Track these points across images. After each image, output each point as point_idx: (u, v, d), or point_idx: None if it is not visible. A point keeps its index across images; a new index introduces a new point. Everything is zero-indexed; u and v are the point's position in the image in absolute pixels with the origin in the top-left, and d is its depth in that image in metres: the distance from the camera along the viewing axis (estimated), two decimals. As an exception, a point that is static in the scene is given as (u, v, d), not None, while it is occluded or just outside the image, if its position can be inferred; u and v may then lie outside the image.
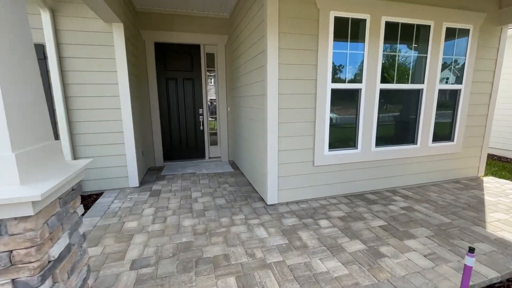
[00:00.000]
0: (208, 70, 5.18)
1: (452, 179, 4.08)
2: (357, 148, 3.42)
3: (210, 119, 5.39)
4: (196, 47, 4.96)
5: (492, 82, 3.95)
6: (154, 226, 2.68)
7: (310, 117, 3.14)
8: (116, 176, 3.73)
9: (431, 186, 3.84)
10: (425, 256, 2.16)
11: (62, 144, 3.36)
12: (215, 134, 5.44)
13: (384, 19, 3.18)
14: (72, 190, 1.49)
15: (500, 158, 6.12)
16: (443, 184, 3.92)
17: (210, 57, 5.12)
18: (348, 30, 3.11)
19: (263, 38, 2.95)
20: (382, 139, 3.54)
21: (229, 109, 5.26)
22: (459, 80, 3.77)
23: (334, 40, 3.04)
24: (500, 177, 4.52)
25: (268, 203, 3.19)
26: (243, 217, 2.89)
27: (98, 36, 3.36)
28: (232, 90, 5.07)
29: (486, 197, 3.41)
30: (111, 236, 2.50)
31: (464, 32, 3.63)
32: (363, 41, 3.18)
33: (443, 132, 3.88)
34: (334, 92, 3.18)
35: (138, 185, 3.86)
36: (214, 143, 5.47)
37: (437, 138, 3.83)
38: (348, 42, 3.15)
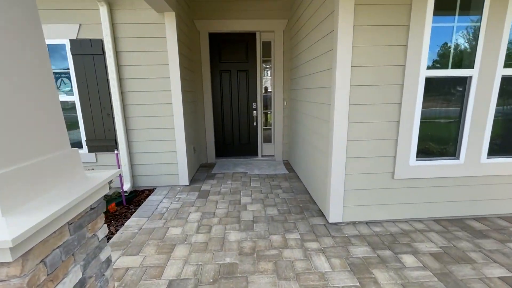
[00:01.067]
0: (263, 61, 4.73)
1: None
2: (458, 159, 2.52)
3: (264, 113, 4.96)
4: (252, 36, 4.54)
5: None
6: (197, 237, 2.40)
7: (393, 115, 2.39)
8: (167, 173, 3.64)
9: None
10: None
11: (119, 140, 3.39)
12: (269, 130, 5.00)
13: (519, -28, 2.17)
14: (92, 209, 1.21)
15: None
16: None
17: (266, 46, 4.64)
18: (458, -6, 2.22)
19: (332, 15, 2.32)
20: (498, 147, 2.53)
21: (285, 103, 4.74)
22: None
23: (434, 11, 2.20)
24: None
25: (330, 221, 2.60)
26: (299, 236, 2.38)
27: (151, 28, 3.21)
28: (290, 82, 4.51)
29: None
30: (154, 244, 2.31)
31: None
32: (479, 11, 2.23)
33: None
34: (429, 81, 2.34)
35: (188, 184, 3.70)
36: (267, 140, 5.05)
37: None
38: (456, 15, 2.25)
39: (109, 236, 2.50)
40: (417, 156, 2.49)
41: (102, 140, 3.45)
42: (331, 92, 2.40)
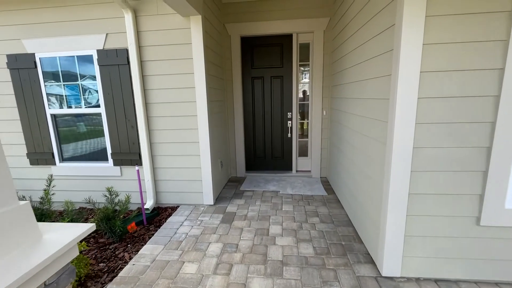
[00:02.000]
0: (300, 65, 4.22)
1: None
2: None
3: (300, 124, 4.43)
4: (288, 38, 4.07)
5: None
6: (214, 280, 1.99)
7: (481, 140, 1.71)
8: (191, 191, 3.34)
9: None
10: None
11: (142, 153, 3.19)
12: (306, 142, 4.44)
13: None
14: (46, 286, 0.87)
15: None
16: None
17: (304, 49, 4.12)
18: None
19: (394, 3, 1.74)
20: None
21: (325, 113, 4.15)
22: None
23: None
24: None
25: (384, 274, 1.98)
26: (341, 294, 1.83)
27: (176, 34, 2.95)
28: (331, 89, 3.92)
29: None
30: (164, 285, 1.96)
31: None
32: None
33: None
34: (542, 91, 1.62)
35: (212, 203, 3.36)
36: (303, 153, 4.50)
37: None
38: None
39: (121, 266, 2.25)
40: (517, 196, 1.75)
41: (127, 154, 3.29)
42: (390, 106, 1.81)
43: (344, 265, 2.14)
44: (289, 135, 4.38)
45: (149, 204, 3.23)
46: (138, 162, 3.27)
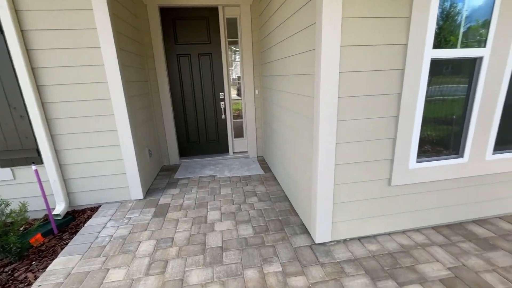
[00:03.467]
0: (230, 42, 4.01)
1: None
2: (462, 157, 2.13)
3: (234, 104, 4.31)
4: (213, 11, 3.77)
5: None
6: (146, 283, 1.79)
7: (391, 110, 1.90)
8: (114, 187, 2.91)
9: None
10: None
11: (41, 149, 2.57)
12: (241, 123, 4.37)
13: None
14: None
15: None
16: None
17: (233, 25, 3.91)
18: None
19: (314, -26, 1.70)
20: (503, 141, 2.18)
21: (257, 92, 4.12)
22: None
23: (443, -30, 1.68)
24: None
25: (317, 241, 2.12)
26: (280, 269, 1.87)
27: (69, -4, 2.35)
28: (262, 67, 3.87)
29: None
30: (82, 301, 1.66)
31: None
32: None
33: None
34: (434, 65, 1.87)
35: (142, 197, 3.01)
36: (239, 134, 4.43)
37: None
38: (466, -26, 1.76)
39: (22, 291, 1.81)
40: (417, 158, 2.05)
41: (18, 151, 2.60)
42: (315, 81, 1.83)
43: (282, 239, 2.21)
44: (223, 116, 4.22)
45: (59, 208, 2.69)
46: (37, 160, 2.63)
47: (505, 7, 1.80)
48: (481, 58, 1.91)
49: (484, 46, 1.88)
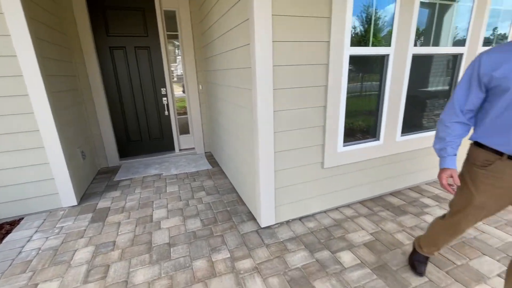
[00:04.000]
0: (170, 36, 3.87)
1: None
2: (378, 140, 2.51)
3: (179, 100, 4.19)
4: (149, 2, 3.59)
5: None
6: (85, 291, 1.67)
7: (319, 100, 2.12)
8: (41, 195, 2.58)
9: (459, 178, 3.10)
10: (519, 322, 1.37)
11: None
12: (187, 119, 4.28)
13: None
14: None
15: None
16: (470, 174, 3.21)
17: (172, 18, 3.78)
18: (375, -38, 2.02)
19: (244, -29, 1.79)
20: (407, 125, 2.64)
21: (201, 87, 4.08)
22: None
23: (355, -22, 1.95)
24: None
25: (263, 225, 2.26)
26: (228, 255, 1.95)
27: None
28: (205, 62, 3.85)
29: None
30: (4, 323, 1.47)
31: (517, -28, 2.66)
32: (394, -19, 2.11)
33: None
34: (352, 60, 2.15)
35: (76, 203, 2.74)
36: (185, 131, 4.34)
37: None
38: (373, -17, 2.07)
39: None
40: (344, 142, 2.35)
41: None
42: (251, 75, 1.93)
43: (230, 228, 2.29)
44: (166, 113, 4.06)
45: (-34, 226, 2.26)
46: None
47: (402, 14, 2.18)
48: (388, 55, 2.27)
49: (389, 45, 2.24)
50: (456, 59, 2.66)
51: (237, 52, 2.23)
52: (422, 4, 2.26)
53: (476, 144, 1.26)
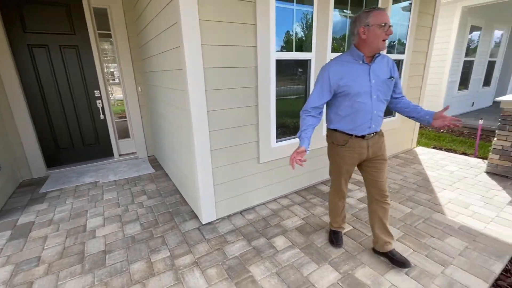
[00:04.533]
0: (102, 35, 3.65)
1: (393, 153, 4.01)
2: (308, 135, 2.80)
3: (118, 103, 3.96)
4: (75, -2, 3.34)
5: (427, 52, 3.84)
6: (1, 312, 1.52)
7: (251, 100, 2.30)
8: None
9: (377, 165, 3.63)
10: (407, 274, 1.73)
11: None
12: (126, 122, 4.08)
13: (334, -35, 2.45)
14: None
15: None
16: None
17: (103, 15, 3.57)
18: (293, -23, 2.28)
19: (170, -23, 1.85)
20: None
21: (140, 89, 3.94)
22: (402, 50, 3.49)
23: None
24: (423, 145, 4.76)
25: (204, 222, 2.33)
26: (168, 254, 1.97)
27: None
28: (143, 62, 3.73)
29: (428, 172, 3.37)
30: None
31: (408, -6, 3.26)
32: (311, 1, 2.41)
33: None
34: (279, 64, 2.38)
35: (-10, 221, 2.41)
36: (125, 135, 4.13)
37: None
38: (294, 2, 2.33)
39: None
40: (277, 138, 2.57)
41: None
42: (183, 76, 2.00)
43: (172, 228, 2.30)
44: (101, 116, 3.81)
45: None
46: None
47: (320, 24, 2.49)
48: (310, 60, 2.57)
49: (310, 51, 2.54)
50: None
51: (170, 54, 2.26)
52: (340, 14, 2.62)
53: (335, 131, 1.71)
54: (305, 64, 2.59)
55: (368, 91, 1.54)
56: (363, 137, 1.64)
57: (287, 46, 2.42)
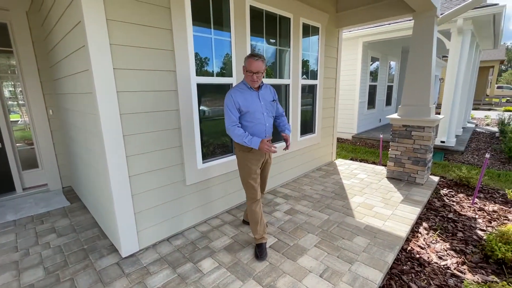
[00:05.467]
0: (2, 51, 3.19)
1: (316, 167, 4.45)
2: (233, 153, 2.92)
3: (21, 128, 3.42)
4: (-39, 9, 2.87)
5: (336, 78, 4.51)
6: None
7: (173, 123, 2.30)
8: None
9: (303, 178, 3.98)
10: (321, 276, 1.91)
11: None
12: (34, 150, 3.53)
13: (248, 2, 2.74)
14: None
15: (337, 140, 7.61)
16: (311, 174, 4.18)
17: (3, 30, 3.14)
18: (210, 9, 2.46)
19: (75, 2, 1.79)
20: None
21: (51, 112, 3.51)
22: (315, 76, 4.02)
23: (193, 20, 2.30)
24: (343, 157, 5.44)
25: (124, 255, 2.15)
26: (77, 298, 1.74)
27: None
28: (54, 84, 3.37)
29: (343, 181, 3.84)
30: None
31: (316, 30, 3.84)
32: (228, 26, 2.63)
33: (307, 126, 4.08)
34: (200, 88, 2.47)
35: None
36: (33, 165, 3.56)
37: (303, 131, 3.98)
38: (212, 27, 2.50)
39: None
40: (203, 159, 2.60)
41: None
42: (94, 99, 1.89)
43: (85, 267, 2.05)
44: (-2, 145, 3.23)
45: None
46: None
47: (238, 52, 2.72)
48: (232, 84, 2.74)
49: (231, 76, 2.72)
50: (284, 88, 3.50)
51: (80, 76, 2.13)
52: (256, 43, 2.89)
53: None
54: (227, 88, 2.75)
55: (260, 110, 2.03)
56: None
57: (207, 71, 2.54)
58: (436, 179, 3.86)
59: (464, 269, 2.11)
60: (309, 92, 4.00)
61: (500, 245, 2.15)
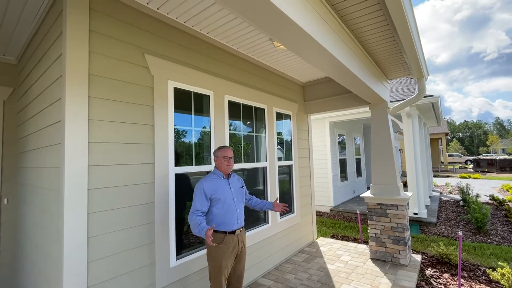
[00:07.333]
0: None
1: (298, 249, 4.22)
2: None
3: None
4: None
5: (309, 157, 4.78)
6: None
7: (146, 217, 2.15)
8: None
9: (286, 265, 3.69)
10: None
11: None
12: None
13: (227, 98, 3.04)
14: None
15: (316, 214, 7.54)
16: (293, 259, 3.91)
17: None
18: (192, 105, 2.66)
19: (59, 102, 1.85)
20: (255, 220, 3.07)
21: (6, 201, 3.16)
22: (290, 157, 4.23)
23: (175, 113, 2.45)
24: (323, 234, 5.29)
25: None
26: None
27: None
28: (16, 171, 3.14)
29: (328, 266, 3.62)
30: None
31: (288, 116, 4.25)
32: (208, 116, 2.82)
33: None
34: (178, 178, 2.44)
35: None
36: (-37, 267, 2.94)
37: (282, 212, 3.91)
38: (192, 117, 2.66)
39: None
40: (177, 255, 2.36)
41: None
42: (60, 198, 1.75)
43: None
44: None
45: None
46: None
47: (217, 141, 2.84)
48: (210, 170, 2.76)
49: (210, 164, 2.76)
50: (261, 171, 3.58)
51: (47, 171, 2.02)
52: (235, 131, 3.07)
53: (214, 232, 2.05)
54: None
55: (231, 196, 2.18)
56: (234, 232, 2.11)
57: (186, 160, 2.57)
58: (418, 257, 3.80)
59: None
60: (285, 173, 4.13)
61: None
